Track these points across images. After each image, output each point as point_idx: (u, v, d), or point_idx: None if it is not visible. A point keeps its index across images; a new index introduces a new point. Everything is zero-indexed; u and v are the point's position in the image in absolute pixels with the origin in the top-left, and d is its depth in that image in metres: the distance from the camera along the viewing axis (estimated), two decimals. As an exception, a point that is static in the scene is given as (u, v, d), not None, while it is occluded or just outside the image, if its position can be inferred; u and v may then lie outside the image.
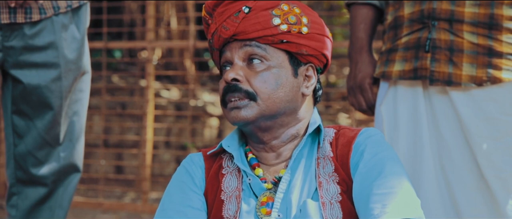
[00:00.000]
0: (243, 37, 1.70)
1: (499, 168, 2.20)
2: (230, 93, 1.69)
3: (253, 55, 1.71)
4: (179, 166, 1.81)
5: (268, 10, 1.71)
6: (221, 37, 1.72)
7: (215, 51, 1.77)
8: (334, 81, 8.84)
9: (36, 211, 2.56)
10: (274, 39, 1.70)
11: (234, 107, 1.69)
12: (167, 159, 7.00)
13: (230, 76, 1.69)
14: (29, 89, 2.45)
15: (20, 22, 2.40)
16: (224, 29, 1.71)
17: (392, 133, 2.36)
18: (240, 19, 1.70)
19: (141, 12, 7.72)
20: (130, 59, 7.71)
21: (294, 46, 1.72)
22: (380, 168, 1.64)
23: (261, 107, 1.69)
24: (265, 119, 1.70)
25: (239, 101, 1.69)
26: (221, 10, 1.73)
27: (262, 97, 1.69)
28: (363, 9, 2.51)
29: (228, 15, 1.71)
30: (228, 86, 1.70)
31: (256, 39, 1.70)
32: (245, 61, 1.71)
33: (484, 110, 2.22)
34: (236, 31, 1.70)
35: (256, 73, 1.69)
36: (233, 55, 1.72)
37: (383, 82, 2.41)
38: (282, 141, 1.74)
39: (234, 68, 1.70)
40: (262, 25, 1.70)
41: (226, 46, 1.73)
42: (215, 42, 1.74)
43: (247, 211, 1.69)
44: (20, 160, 2.52)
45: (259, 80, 1.69)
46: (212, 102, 7.59)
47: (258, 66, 1.70)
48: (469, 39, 2.21)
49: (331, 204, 1.66)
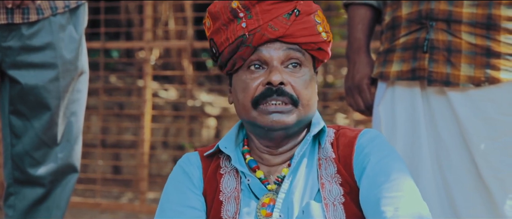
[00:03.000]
0: (289, 40, 1.66)
1: (497, 168, 2.20)
2: (275, 96, 1.65)
3: (293, 59, 1.68)
4: (175, 166, 1.79)
5: (311, 16, 1.69)
6: (265, 36, 1.66)
7: (246, 47, 1.67)
8: (332, 82, 8.84)
9: (34, 211, 2.56)
10: (315, 46, 1.69)
11: (277, 112, 1.66)
12: (165, 159, 7.00)
13: (278, 80, 1.64)
14: (26, 89, 2.44)
15: (17, 23, 2.40)
16: (271, 29, 1.65)
17: (390, 133, 2.36)
18: (291, 21, 1.66)
19: (138, 12, 7.71)
20: (127, 60, 7.71)
21: (322, 54, 1.72)
22: (387, 171, 1.64)
23: (300, 113, 1.68)
24: (300, 123, 1.69)
25: (283, 106, 1.66)
26: (268, 8, 1.67)
27: (303, 103, 1.67)
28: (361, 10, 2.51)
29: (276, 15, 1.66)
30: (271, 89, 1.65)
31: (299, 44, 1.68)
32: (283, 64, 1.67)
33: (482, 110, 2.22)
34: (285, 33, 1.66)
35: (298, 78, 1.67)
36: (272, 56, 1.67)
37: (381, 82, 2.41)
38: (292, 145, 1.74)
39: (277, 71, 1.66)
40: (309, 31, 1.67)
41: (264, 45, 1.67)
42: (255, 40, 1.66)
43: (247, 213, 1.68)
44: (18, 160, 2.52)
45: (301, 86, 1.67)
46: (210, 102, 7.58)
47: (298, 71, 1.68)
48: (467, 39, 2.21)
49: (334, 205, 1.65)
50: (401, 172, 1.65)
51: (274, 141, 1.71)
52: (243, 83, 1.69)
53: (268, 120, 1.66)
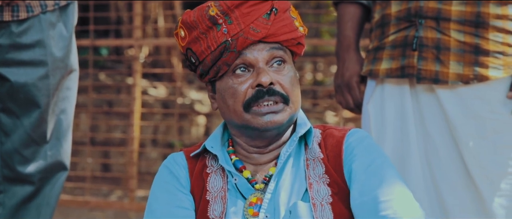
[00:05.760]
0: (272, 39, 1.67)
1: (485, 166, 2.21)
2: (267, 97, 1.66)
3: (277, 57, 1.68)
4: (161, 167, 1.79)
5: (287, 12, 1.70)
6: (249, 39, 1.66)
7: (231, 53, 1.67)
8: (322, 80, 8.85)
9: (23, 209, 2.55)
10: (294, 42, 1.70)
11: (270, 112, 1.67)
12: (154, 157, 6.98)
13: (267, 80, 1.65)
14: (16, 87, 2.43)
15: (7, 20, 2.39)
16: (254, 31, 1.65)
17: (379, 131, 2.37)
18: (271, 21, 1.66)
19: (128, 10, 7.69)
20: (117, 57, 7.69)
21: (300, 48, 1.74)
22: (379, 175, 1.65)
23: (291, 111, 1.69)
24: (290, 120, 1.70)
25: (275, 105, 1.67)
26: (247, 11, 1.66)
27: (293, 100, 1.69)
28: (350, 7, 2.51)
29: (256, 17, 1.66)
30: (262, 90, 1.66)
31: (281, 42, 1.68)
32: (268, 64, 1.68)
33: (471, 108, 2.23)
34: (267, 34, 1.66)
35: (284, 76, 1.68)
36: (257, 58, 1.67)
37: (370, 80, 2.41)
38: (279, 143, 1.74)
39: (264, 71, 1.66)
40: (289, 28, 1.69)
41: (247, 48, 1.67)
42: (239, 44, 1.66)
43: (234, 212, 1.68)
44: (7, 158, 2.51)
45: (289, 83, 1.68)
46: (200, 100, 7.57)
47: (282, 68, 1.69)
48: (456, 37, 2.22)
49: (322, 205, 1.66)
50: (392, 174, 1.67)
51: (267, 140, 1.71)
52: (231, 89, 1.68)
53: (263, 121, 1.67)
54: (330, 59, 7.57)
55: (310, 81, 8.70)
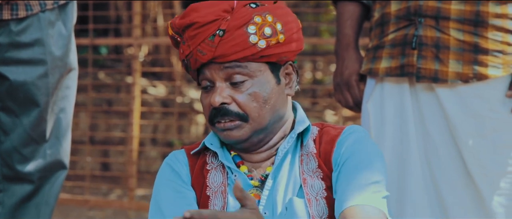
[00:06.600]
0: (222, 60, 1.64)
1: (485, 165, 2.21)
2: (220, 117, 1.66)
3: (235, 74, 1.65)
4: (163, 164, 1.79)
5: (243, 28, 1.64)
6: (198, 61, 1.66)
7: (191, 71, 1.70)
8: (321, 78, 8.85)
9: (22, 208, 2.55)
10: (255, 57, 1.66)
11: (226, 129, 1.67)
12: (154, 156, 6.99)
13: (218, 101, 1.64)
14: (15, 86, 2.43)
15: (6, 19, 2.39)
16: (201, 54, 1.64)
17: (378, 129, 2.37)
18: (216, 43, 1.63)
19: (127, 9, 7.69)
20: (116, 56, 7.69)
21: (274, 57, 1.68)
22: (361, 168, 1.65)
23: (253, 126, 1.67)
24: (257, 134, 1.69)
25: (229, 123, 1.66)
26: (193, 34, 1.65)
27: (253, 116, 1.66)
28: (349, 6, 2.51)
29: (201, 39, 1.64)
30: (216, 110, 1.66)
31: (236, 60, 1.65)
32: (227, 81, 1.66)
33: (470, 107, 2.23)
34: (214, 56, 1.64)
35: (242, 93, 1.65)
36: (214, 76, 1.66)
37: (370, 79, 2.41)
38: (271, 145, 1.74)
39: (218, 91, 1.65)
40: (240, 46, 1.63)
41: (204, 67, 1.67)
42: (192, 65, 1.67)
43: (233, 207, 1.68)
44: (6, 156, 2.51)
45: (247, 100, 1.65)
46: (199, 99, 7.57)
47: (243, 85, 1.66)
48: (455, 36, 2.22)
49: (317, 200, 1.66)
50: (373, 168, 1.66)
51: (245, 149, 1.73)
52: (202, 101, 1.72)
53: (222, 135, 1.69)
54: (329, 58, 7.57)
55: (310, 80, 8.70)
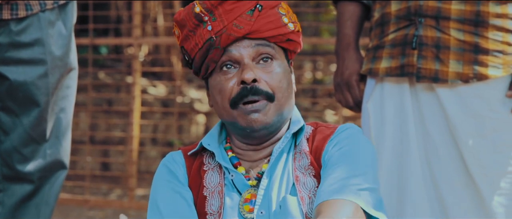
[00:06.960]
0: (256, 35, 1.67)
1: (485, 165, 2.21)
2: (251, 96, 1.67)
3: (263, 54, 1.69)
4: (160, 166, 1.81)
5: (275, 9, 1.70)
6: (232, 36, 1.67)
7: (216, 50, 1.69)
8: (321, 78, 8.85)
9: (22, 208, 2.55)
10: (283, 38, 1.70)
11: (254, 111, 1.67)
12: (154, 155, 6.99)
13: (250, 77, 1.66)
14: (15, 85, 2.43)
15: (6, 19, 2.39)
16: (237, 28, 1.66)
17: (378, 129, 2.37)
18: (255, 17, 1.67)
19: (127, 9, 7.69)
20: (116, 56, 7.69)
21: (293, 45, 1.74)
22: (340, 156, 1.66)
23: (277, 108, 1.69)
24: (277, 119, 1.70)
25: (258, 103, 1.67)
26: (230, 8, 1.68)
27: (278, 96, 1.69)
28: (350, 6, 2.51)
29: (239, 13, 1.67)
30: (246, 88, 1.67)
31: (267, 38, 1.69)
32: (254, 60, 1.69)
33: (471, 107, 2.22)
34: (251, 30, 1.67)
35: (270, 73, 1.69)
36: (242, 54, 1.68)
37: (370, 79, 2.41)
38: (271, 142, 1.75)
39: (249, 68, 1.67)
40: (274, 24, 1.68)
41: (232, 45, 1.68)
42: (223, 41, 1.67)
43: (230, 207, 1.69)
44: (6, 156, 2.51)
45: (275, 80, 1.68)
46: (199, 99, 7.58)
47: (270, 65, 1.69)
48: (455, 36, 2.22)
49: (310, 198, 1.67)
50: (357, 162, 1.66)
51: (257, 139, 1.73)
52: (219, 85, 1.70)
53: (248, 119, 1.68)
54: (329, 58, 7.57)
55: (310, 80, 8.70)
